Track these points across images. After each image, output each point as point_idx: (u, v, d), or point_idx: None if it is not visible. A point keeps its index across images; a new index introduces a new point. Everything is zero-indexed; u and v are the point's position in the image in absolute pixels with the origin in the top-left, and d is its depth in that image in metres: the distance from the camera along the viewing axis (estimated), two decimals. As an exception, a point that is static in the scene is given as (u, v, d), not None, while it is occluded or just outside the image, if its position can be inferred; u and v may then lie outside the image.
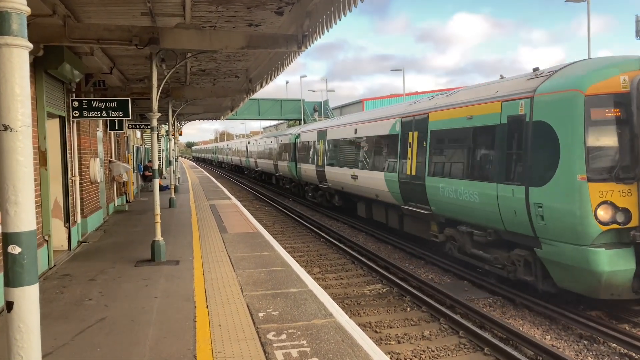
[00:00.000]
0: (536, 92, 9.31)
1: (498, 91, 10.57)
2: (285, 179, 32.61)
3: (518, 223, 9.57)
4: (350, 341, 5.58)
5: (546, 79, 9.35)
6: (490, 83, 11.58)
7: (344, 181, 19.92)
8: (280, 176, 33.48)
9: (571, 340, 8.16)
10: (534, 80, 9.72)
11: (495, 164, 10.28)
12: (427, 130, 13.11)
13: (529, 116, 9.32)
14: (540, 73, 9.84)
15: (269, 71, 14.25)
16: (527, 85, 9.72)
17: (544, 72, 9.76)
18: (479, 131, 10.94)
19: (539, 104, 9.19)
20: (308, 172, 25.12)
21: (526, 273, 9.78)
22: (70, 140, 11.60)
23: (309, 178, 25.40)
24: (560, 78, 9.15)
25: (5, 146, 2.14)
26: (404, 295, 10.60)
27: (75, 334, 5.91)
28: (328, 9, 8.30)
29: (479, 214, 10.79)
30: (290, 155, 28.76)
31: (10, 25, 2.11)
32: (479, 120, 10.92)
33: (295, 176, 28.15)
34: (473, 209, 10.96)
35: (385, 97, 57.85)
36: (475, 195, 10.80)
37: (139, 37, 9.09)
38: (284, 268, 9.06)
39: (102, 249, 11.26)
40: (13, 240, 2.16)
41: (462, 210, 11.42)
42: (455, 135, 11.94)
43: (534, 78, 9.78)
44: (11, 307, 2.16)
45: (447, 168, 12.25)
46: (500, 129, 10.18)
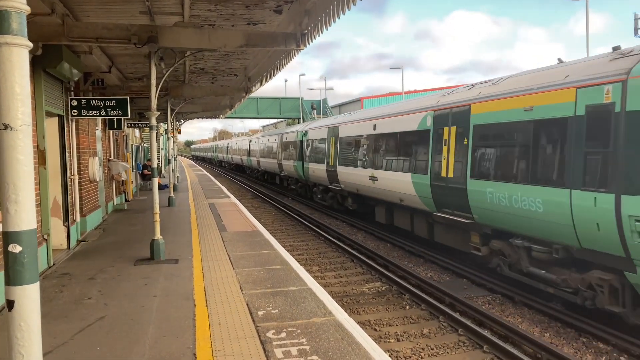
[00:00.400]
0: (630, 74, 7.41)
1: (568, 76, 8.75)
2: (290, 179, 30.66)
3: (602, 239, 7.77)
4: (350, 339, 5.59)
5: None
6: (553, 67, 9.79)
7: (360, 183, 17.87)
8: (285, 176, 31.46)
9: (570, 338, 8.18)
10: (622, 60, 7.82)
11: (568, 165, 8.43)
12: (469, 124, 11.26)
13: (620, 105, 7.49)
14: (630, 51, 7.91)
15: (267, 69, 14.24)
16: (614, 66, 7.86)
17: (634, 50, 7.85)
18: (542, 125, 9.14)
19: (636, 89, 7.33)
20: (317, 172, 23.12)
21: (612, 302, 7.99)
22: (69, 139, 11.59)
23: (317, 179, 23.43)
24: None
25: (6, 145, 2.14)
26: (403, 294, 10.62)
27: (75, 333, 5.91)
28: (327, 7, 8.29)
29: (542, 225, 8.97)
30: (296, 154, 26.80)
31: (10, 24, 2.11)
32: (542, 112, 9.10)
33: (302, 176, 26.15)
34: (534, 220, 9.12)
35: (384, 95, 57.85)
36: (537, 203, 9.00)
37: (138, 36, 9.08)
38: (284, 266, 9.07)
39: (101, 247, 11.25)
40: (13, 239, 2.16)
41: (518, 221, 9.61)
42: (508, 129, 10.10)
43: (620, 58, 7.91)
44: (12, 306, 2.16)
45: (497, 170, 10.33)
46: (574, 121, 8.33)
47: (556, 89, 8.87)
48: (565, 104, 8.58)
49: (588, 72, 8.40)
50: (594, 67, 8.36)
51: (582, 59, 9.46)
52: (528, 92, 9.57)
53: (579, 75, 8.54)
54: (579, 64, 9.07)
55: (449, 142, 12.02)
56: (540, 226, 9.07)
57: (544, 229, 8.99)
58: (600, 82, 7.92)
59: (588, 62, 8.89)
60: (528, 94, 9.55)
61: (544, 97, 9.13)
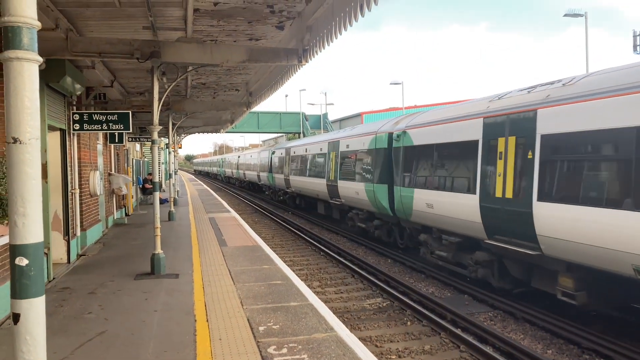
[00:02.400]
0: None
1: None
2: (358, 211, 19.26)
3: None
4: (352, 355, 5.55)
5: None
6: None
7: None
8: (354, 208, 19.67)
9: (573, 355, 8.12)
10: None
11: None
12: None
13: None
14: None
15: (269, 85, 14.32)
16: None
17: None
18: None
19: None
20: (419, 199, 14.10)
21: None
22: (70, 153, 11.61)
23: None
24: None
25: (15, 158, 2.15)
26: (404, 309, 10.56)
27: (75, 348, 5.87)
28: (328, 23, 8.36)
29: None
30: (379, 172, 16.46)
31: (22, 39, 2.13)
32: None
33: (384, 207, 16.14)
34: None
35: (384, 110, 58.04)
36: None
37: (141, 51, 9.14)
38: (284, 281, 9.03)
39: (101, 262, 11.22)
40: (20, 252, 2.16)
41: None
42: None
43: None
44: (18, 319, 2.16)
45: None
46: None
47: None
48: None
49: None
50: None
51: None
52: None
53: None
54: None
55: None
56: None
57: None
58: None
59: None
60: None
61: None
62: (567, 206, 8.40)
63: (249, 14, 8.70)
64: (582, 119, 8.31)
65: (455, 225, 11.88)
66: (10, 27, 2.11)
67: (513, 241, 9.79)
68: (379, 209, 16.53)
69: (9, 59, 2.14)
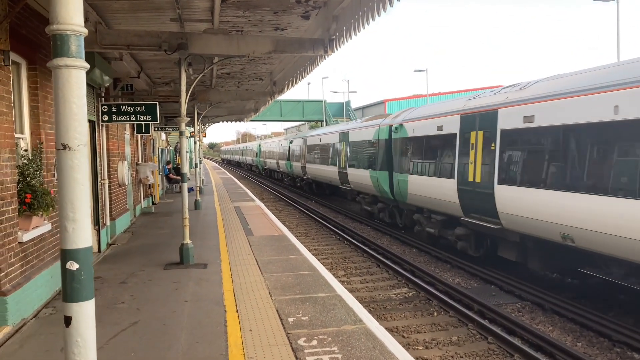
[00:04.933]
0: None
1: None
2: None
3: None
4: (382, 348, 5.57)
5: None
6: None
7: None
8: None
9: (604, 348, 8.03)
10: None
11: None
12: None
13: None
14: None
15: (293, 74, 14.29)
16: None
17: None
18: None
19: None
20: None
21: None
22: (99, 144, 11.80)
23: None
24: None
25: (64, 165, 2.19)
26: (430, 300, 10.55)
27: (110, 338, 6.00)
28: (356, 13, 8.28)
29: None
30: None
31: (70, 47, 2.16)
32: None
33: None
34: None
35: (408, 97, 57.57)
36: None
37: (168, 43, 9.19)
38: (311, 272, 9.08)
39: (130, 251, 11.42)
40: (71, 257, 2.21)
41: None
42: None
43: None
44: (69, 322, 2.21)
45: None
46: None
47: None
48: None
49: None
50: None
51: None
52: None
53: None
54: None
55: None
56: None
57: None
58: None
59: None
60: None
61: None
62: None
63: (274, 4, 8.68)
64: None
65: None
66: (59, 35, 2.14)
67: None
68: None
69: (57, 67, 2.17)
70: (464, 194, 12.53)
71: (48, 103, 7.87)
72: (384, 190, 18.18)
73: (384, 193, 18.33)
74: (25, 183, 6.71)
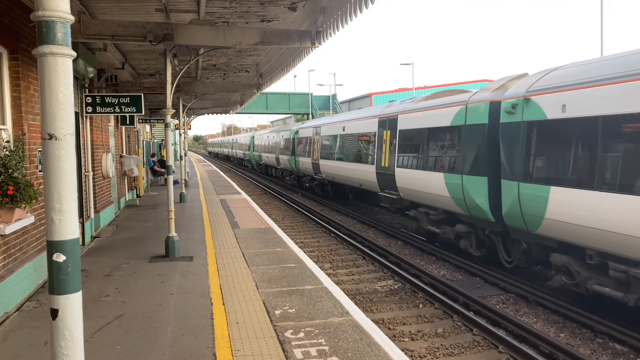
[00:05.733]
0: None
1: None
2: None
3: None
4: (369, 340, 5.60)
5: None
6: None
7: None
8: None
9: (586, 339, 8.15)
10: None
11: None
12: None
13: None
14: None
15: (280, 67, 14.23)
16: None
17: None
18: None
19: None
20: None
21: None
22: (83, 135, 11.64)
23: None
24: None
25: (50, 155, 2.14)
26: (416, 292, 10.61)
27: (95, 331, 5.95)
28: (343, 5, 8.26)
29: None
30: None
31: (56, 34, 2.11)
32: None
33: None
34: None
35: (393, 91, 57.64)
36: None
37: (153, 33, 9.08)
38: (298, 265, 9.08)
39: (115, 244, 11.32)
40: (58, 249, 2.17)
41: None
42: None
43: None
44: (56, 315, 2.17)
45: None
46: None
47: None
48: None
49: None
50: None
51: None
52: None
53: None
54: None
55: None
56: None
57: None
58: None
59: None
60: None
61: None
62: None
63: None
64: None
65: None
66: (44, 22, 2.09)
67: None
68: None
69: (43, 55, 2.12)
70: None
71: (30, 93, 7.75)
72: (477, 207, 11.56)
73: (478, 211, 11.64)
74: (7, 175, 6.60)
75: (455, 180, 12.31)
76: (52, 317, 2.18)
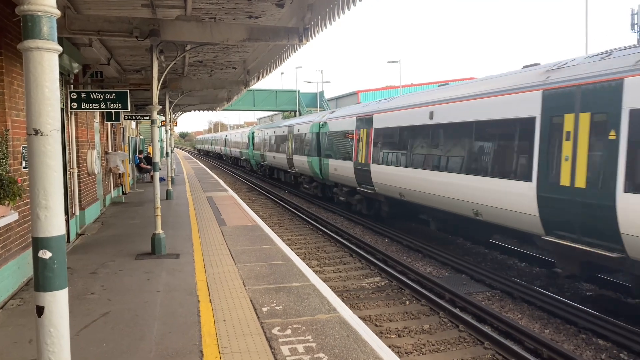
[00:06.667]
0: None
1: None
2: None
3: None
4: (356, 336, 5.62)
5: None
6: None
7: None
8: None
9: (570, 334, 8.25)
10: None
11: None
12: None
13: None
14: None
15: (267, 63, 14.19)
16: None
17: None
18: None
19: None
20: None
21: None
22: (68, 132, 11.52)
23: None
24: None
25: (36, 150, 2.12)
26: (403, 289, 10.66)
27: (80, 329, 5.90)
28: (331, 2, 8.26)
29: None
30: None
31: (42, 28, 2.08)
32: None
33: None
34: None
35: (381, 88, 57.76)
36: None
37: (140, 29, 9.01)
38: (285, 262, 9.08)
39: (101, 241, 11.22)
40: (44, 245, 2.15)
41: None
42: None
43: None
44: (42, 312, 2.15)
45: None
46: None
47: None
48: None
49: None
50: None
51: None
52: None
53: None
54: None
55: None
56: None
57: None
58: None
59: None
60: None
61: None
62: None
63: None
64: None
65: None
66: (30, 16, 2.06)
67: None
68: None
69: (28, 49, 2.10)
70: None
71: (14, 89, 7.65)
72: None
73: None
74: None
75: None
76: (38, 314, 2.15)
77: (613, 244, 7.93)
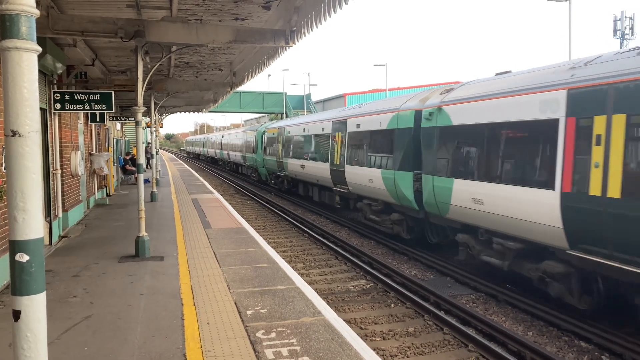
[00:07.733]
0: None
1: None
2: None
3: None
4: (340, 339, 5.61)
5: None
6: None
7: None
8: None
9: (553, 337, 8.31)
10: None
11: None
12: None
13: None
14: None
15: (254, 65, 14.16)
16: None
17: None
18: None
19: None
20: None
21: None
22: (51, 133, 11.39)
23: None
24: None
25: (14, 152, 2.08)
26: (388, 292, 10.68)
27: (62, 332, 5.82)
28: (317, 4, 8.26)
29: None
30: None
31: (20, 28, 2.05)
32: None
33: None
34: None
35: (367, 91, 57.88)
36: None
37: (125, 30, 8.94)
38: (270, 265, 9.05)
39: (84, 244, 11.10)
40: (21, 248, 2.11)
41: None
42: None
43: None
44: (18, 316, 2.11)
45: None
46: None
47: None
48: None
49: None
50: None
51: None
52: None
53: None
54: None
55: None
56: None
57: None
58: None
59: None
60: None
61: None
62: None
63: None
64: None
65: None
66: (8, 16, 2.03)
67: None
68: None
69: (7, 49, 2.06)
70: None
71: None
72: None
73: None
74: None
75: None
76: (15, 319, 2.12)
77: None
